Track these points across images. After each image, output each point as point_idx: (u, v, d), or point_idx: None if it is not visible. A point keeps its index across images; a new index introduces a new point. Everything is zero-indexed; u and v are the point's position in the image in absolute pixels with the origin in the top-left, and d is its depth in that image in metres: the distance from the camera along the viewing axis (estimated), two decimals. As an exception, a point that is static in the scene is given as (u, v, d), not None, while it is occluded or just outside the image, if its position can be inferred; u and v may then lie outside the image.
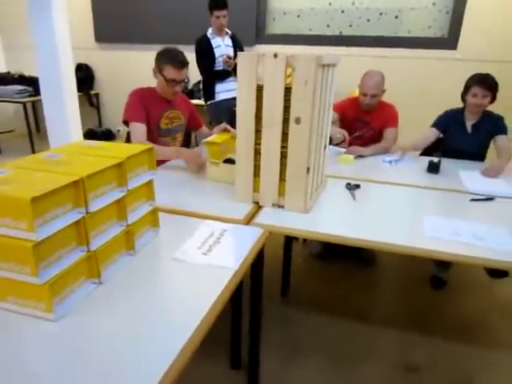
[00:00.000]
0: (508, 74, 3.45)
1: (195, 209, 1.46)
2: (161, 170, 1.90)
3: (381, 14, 3.83)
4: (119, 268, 1.07)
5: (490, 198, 1.70)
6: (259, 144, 1.45)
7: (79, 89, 3.32)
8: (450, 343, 1.84)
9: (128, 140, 2.12)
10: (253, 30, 4.10)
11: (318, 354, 1.75)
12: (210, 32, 3.33)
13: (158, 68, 1.97)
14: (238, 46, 3.43)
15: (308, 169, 1.41)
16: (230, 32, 3.41)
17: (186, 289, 1.01)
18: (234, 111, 3.23)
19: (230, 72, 3.32)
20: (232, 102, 3.28)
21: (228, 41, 3.39)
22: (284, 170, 1.44)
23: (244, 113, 1.43)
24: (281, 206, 1.50)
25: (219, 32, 3.32)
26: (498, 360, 1.76)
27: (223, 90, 3.37)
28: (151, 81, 2.05)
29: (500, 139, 2.24)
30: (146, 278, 1.05)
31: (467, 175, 2.01)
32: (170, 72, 1.93)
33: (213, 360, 1.68)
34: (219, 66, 3.31)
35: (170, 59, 1.93)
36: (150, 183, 1.20)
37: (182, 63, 1.95)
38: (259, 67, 1.36)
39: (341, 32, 3.98)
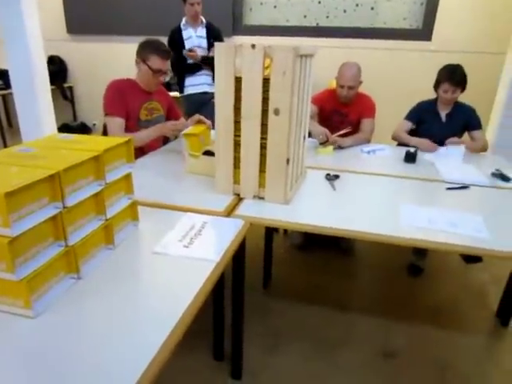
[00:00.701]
0: (480, 64, 3.55)
1: (176, 202, 1.45)
2: (139, 164, 1.88)
3: (357, 5, 3.85)
4: (99, 263, 1.05)
5: (464, 187, 1.75)
6: (239, 136, 1.44)
7: (52, 82, 3.21)
8: (427, 328, 1.90)
9: (105, 133, 2.08)
10: (229, 21, 4.06)
11: (299, 342, 1.77)
12: (183, 22, 3.19)
13: (142, 58, 1.94)
14: (214, 36, 3.24)
15: (288, 160, 1.41)
16: (205, 21, 3.25)
17: (167, 282, 1.01)
18: (206, 104, 3.17)
19: (199, 66, 3.20)
20: (202, 96, 3.22)
21: (201, 31, 3.23)
22: (264, 161, 1.45)
23: (223, 104, 1.42)
24: (261, 198, 1.51)
25: (193, 21, 3.17)
26: (471, 343, 1.83)
27: (191, 85, 3.26)
28: (127, 73, 2.02)
29: (476, 133, 2.37)
30: (126, 272, 1.03)
31: (443, 165, 2.06)
32: (156, 62, 1.93)
33: (196, 352, 1.68)
34: (190, 58, 3.20)
35: (155, 49, 1.93)
36: (128, 176, 1.18)
37: (167, 53, 1.97)
38: (237, 58, 1.35)
39: (318, 23, 3.99)
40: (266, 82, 1.34)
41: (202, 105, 3.17)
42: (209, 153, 1.73)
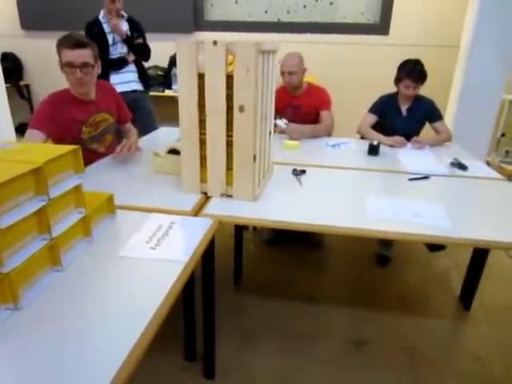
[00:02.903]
0: (436, 57, 3.68)
1: (141, 203, 1.41)
2: (101, 166, 1.82)
3: (316, 0, 3.89)
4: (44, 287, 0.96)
5: (425, 177, 1.81)
6: (204, 134, 1.42)
7: (6, 80, 3.04)
8: (395, 316, 1.96)
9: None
10: (191, 17, 3.99)
11: (272, 338, 1.78)
12: (102, 15, 2.93)
13: (59, 60, 1.72)
14: (136, 30, 3.02)
15: (254, 156, 1.41)
16: (125, 15, 3.02)
17: (135, 286, 0.97)
18: (138, 104, 2.92)
19: (125, 60, 3.00)
20: (132, 95, 2.97)
21: (124, 25, 2.99)
22: (230, 158, 1.43)
23: (186, 102, 1.39)
24: (229, 196, 1.49)
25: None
26: (437, 327, 1.91)
27: (119, 82, 2.95)
28: None
29: (438, 125, 2.45)
30: (90, 279, 0.99)
31: (405, 156, 2.12)
32: (65, 54, 1.68)
33: (166, 354, 1.65)
34: (114, 53, 2.95)
35: (62, 42, 1.71)
36: (77, 188, 1.07)
37: (76, 42, 1.70)
38: (199, 55, 1.32)
39: (279, 19, 3.99)
40: (229, 78, 1.32)
41: (134, 104, 2.81)
42: (174, 151, 1.70)
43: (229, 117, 1.37)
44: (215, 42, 1.29)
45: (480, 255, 1.99)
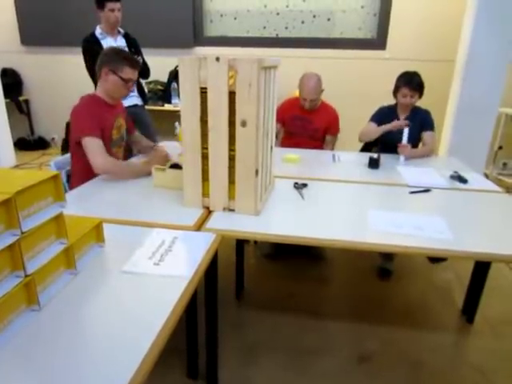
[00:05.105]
0: (432, 72, 3.72)
1: (143, 218, 1.41)
2: (100, 181, 1.81)
3: (314, 16, 3.96)
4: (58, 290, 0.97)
5: (426, 190, 1.82)
6: (206, 148, 1.43)
7: (6, 95, 3.06)
8: (398, 330, 1.95)
9: (64, 149, 2.00)
10: (190, 33, 4.06)
11: (275, 353, 1.76)
12: (99, 31, 2.91)
13: (111, 69, 1.86)
14: (133, 47, 3.02)
15: (257, 171, 1.41)
16: (122, 31, 3.01)
17: (138, 303, 0.96)
18: (139, 118, 2.94)
19: None
20: (133, 110, 2.94)
21: (121, 41, 2.99)
22: (233, 173, 1.44)
23: (189, 117, 1.40)
24: (231, 210, 1.49)
25: (111, 29, 2.92)
26: (441, 341, 1.89)
27: None
28: (84, 85, 1.95)
29: (426, 134, 2.47)
30: (93, 296, 0.98)
31: (405, 169, 2.14)
32: (128, 71, 1.88)
33: (169, 371, 1.63)
34: None
35: (125, 58, 1.89)
36: (59, 218, 0.98)
37: (136, 63, 1.94)
38: (201, 71, 1.34)
39: (277, 34, 4.06)
40: (231, 94, 1.34)
41: (135, 118, 2.71)
42: (176, 166, 1.70)
43: (231, 131, 1.38)
44: (218, 59, 1.30)
45: (482, 268, 1.98)
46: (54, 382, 0.72)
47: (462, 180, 1.96)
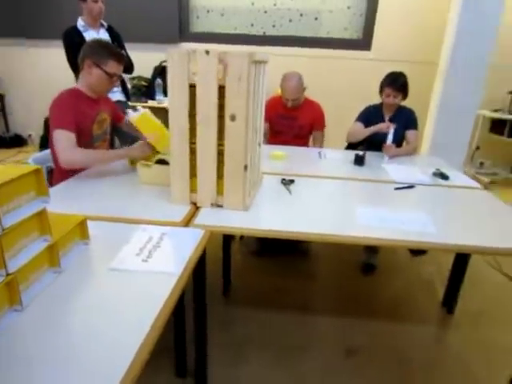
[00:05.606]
0: (415, 73, 3.78)
1: (129, 215, 1.38)
2: (83, 178, 1.77)
3: (301, 15, 3.97)
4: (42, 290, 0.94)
5: (410, 186, 1.85)
6: (194, 143, 1.41)
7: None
8: (383, 323, 1.98)
9: (43, 146, 1.94)
10: (176, 28, 4.01)
11: (263, 349, 1.76)
12: (81, 23, 2.84)
13: (95, 63, 1.80)
14: (116, 41, 2.96)
15: (246, 166, 1.40)
16: (105, 24, 2.96)
17: (126, 301, 0.93)
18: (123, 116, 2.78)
19: None
20: (117, 106, 2.85)
21: (104, 34, 2.93)
22: (221, 168, 1.42)
23: (177, 111, 1.38)
24: (219, 206, 1.48)
25: (94, 21, 2.85)
26: (423, 332, 1.93)
27: None
28: (63, 80, 1.89)
29: (410, 133, 2.52)
30: (78, 295, 0.94)
31: (390, 167, 2.17)
32: (113, 66, 1.84)
33: (156, 371, 1.61)
34: None
35: (111, 53, 1.84)
36: (42, 214, 0.94)
37: (121, 57, 1.89)
38: (190, 64, 1.32)
39: (264, 32, 4.05)
40: (221, 87, 1.33)
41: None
42: (162, 161, 1.68)
43: (220, 126, 1.37)
44: (207, 52, 1.29)
45: (461, 261, 2.03)
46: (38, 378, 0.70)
47: (444, 177, 2.01)
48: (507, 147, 4.25)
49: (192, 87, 1.34)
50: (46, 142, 3.52)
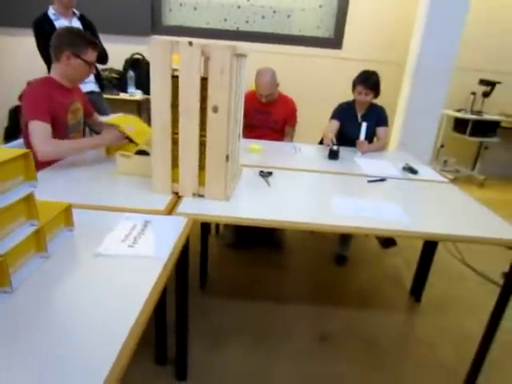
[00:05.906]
0: (384, 73, 3.93)
1: (111, 203, 1.39)
2: (58, 168, 1.74)
3: (274, 12, 4.03)
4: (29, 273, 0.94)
5: (382, 179, 1.95)
6: (177, 133, 1.43)
7: None
8: (354, 310, 2.07)
9: (8, 137, 1.89)
10: (148, 21, 3.96)
11: (241, 337, 1.81)
12: (52, 12, 2.77)
13: (74, 52, 1.77)
14: (89, 29, 2.88)
15: (227, 156, 1.44)
16: (77, 12, 2.88)
17: (113, 286, 0.94)
18: (93, 107, 2.78)
19: None
20: (88, 96, 2.63)
21: (76, 23, 2.84)
22: (203, 158, 1.45)
23: (159, 102, 1.40)
24: (201, 196, 1.51)
25: (65, 10, 2.78)
26: (391, 319, 2.04)
27: None
28: (24, 69, 1.84)
29: (380, 130, 2.62)
30: (66, 280, 0.95)
31: (363, 161, 2.26)
32: (91, 54, 1.83)
33: (136, 358, 1.61)
34: None
35: (88, 42, 1.82)
36: (29, 198, 0.94)
37: (97, 44, 1.88)
38: (173, 55, 1.34)
39: (238, 27, 4.08)
40: (203, 79, 1.35)
41: (92, 106, 2.48)
42: (142, 152, 1.68)
43: (202, 117, 1.40)
44: (191, 43, 1.31)
45: (428, 250, 2.16)
46: (29, 366, 0.70)
47: (413, 171, 2.12)
48: (469, 146, 4.49)
49: (175, 77, 1.36)
50: (12, 134, 3.38)
